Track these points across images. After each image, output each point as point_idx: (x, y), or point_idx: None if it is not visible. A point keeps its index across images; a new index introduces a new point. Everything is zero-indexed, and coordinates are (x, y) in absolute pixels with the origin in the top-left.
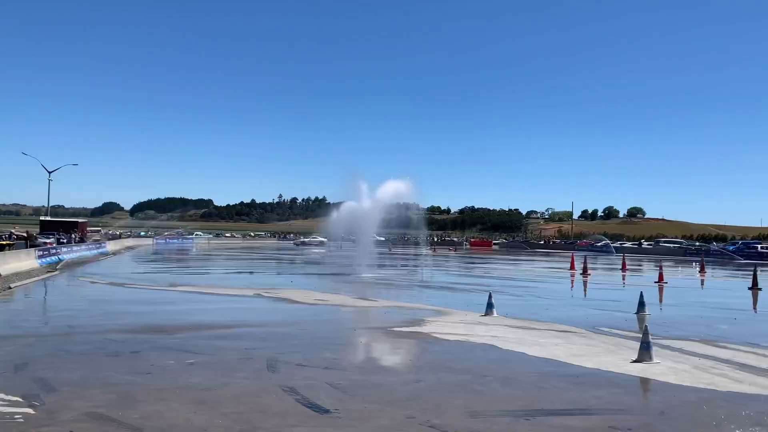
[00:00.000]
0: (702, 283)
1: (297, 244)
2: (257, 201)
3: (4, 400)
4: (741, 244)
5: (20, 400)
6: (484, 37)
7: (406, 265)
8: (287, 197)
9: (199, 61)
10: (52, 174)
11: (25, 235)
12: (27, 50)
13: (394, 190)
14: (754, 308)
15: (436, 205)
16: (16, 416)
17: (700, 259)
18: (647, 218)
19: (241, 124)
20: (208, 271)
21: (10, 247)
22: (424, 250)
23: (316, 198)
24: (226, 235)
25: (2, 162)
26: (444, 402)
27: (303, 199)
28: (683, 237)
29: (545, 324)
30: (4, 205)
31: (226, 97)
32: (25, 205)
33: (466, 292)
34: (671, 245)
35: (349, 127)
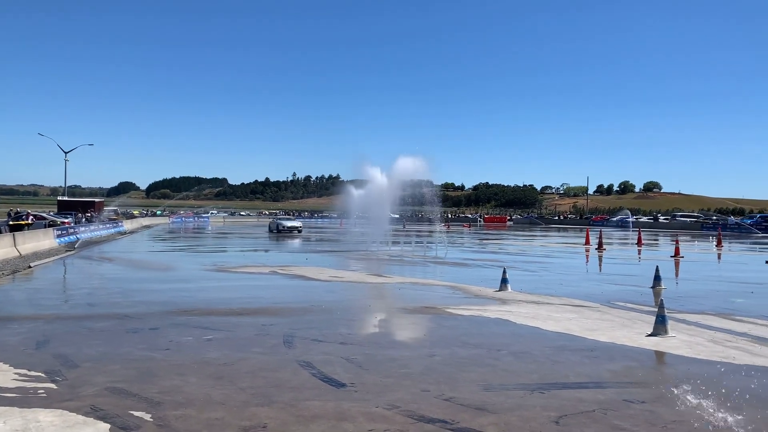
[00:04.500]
0: (719, 257)
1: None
2: (271, 179)
3: (27, 375)
4: (759, 217)
5: (43, 375)
6: (498, 7)
7: (420, 242)
8: (301, 175)
9: (212, 39)
10: (68, 154)
11: (43, 215)
12: (42, 33)
13: (407, 166)
14: None
15: (450, 181)
16: (39, 391)
17: (717, 233)
18: (663, 192)
19: (255, 102)
20: (224, 248)
21: (29, 227)
22: (438, 227)
23: (330, 176)
24: (242, 213)
25: (20, 144)
26: (458, 376)
27: (317, 177)
28: (700, 211)
29: (559, 299)
30: (22, 186)
31: (239, 76)
32: (42, 186)
33: (480, 268)
34: (688, 219)
35: (362, 104)
